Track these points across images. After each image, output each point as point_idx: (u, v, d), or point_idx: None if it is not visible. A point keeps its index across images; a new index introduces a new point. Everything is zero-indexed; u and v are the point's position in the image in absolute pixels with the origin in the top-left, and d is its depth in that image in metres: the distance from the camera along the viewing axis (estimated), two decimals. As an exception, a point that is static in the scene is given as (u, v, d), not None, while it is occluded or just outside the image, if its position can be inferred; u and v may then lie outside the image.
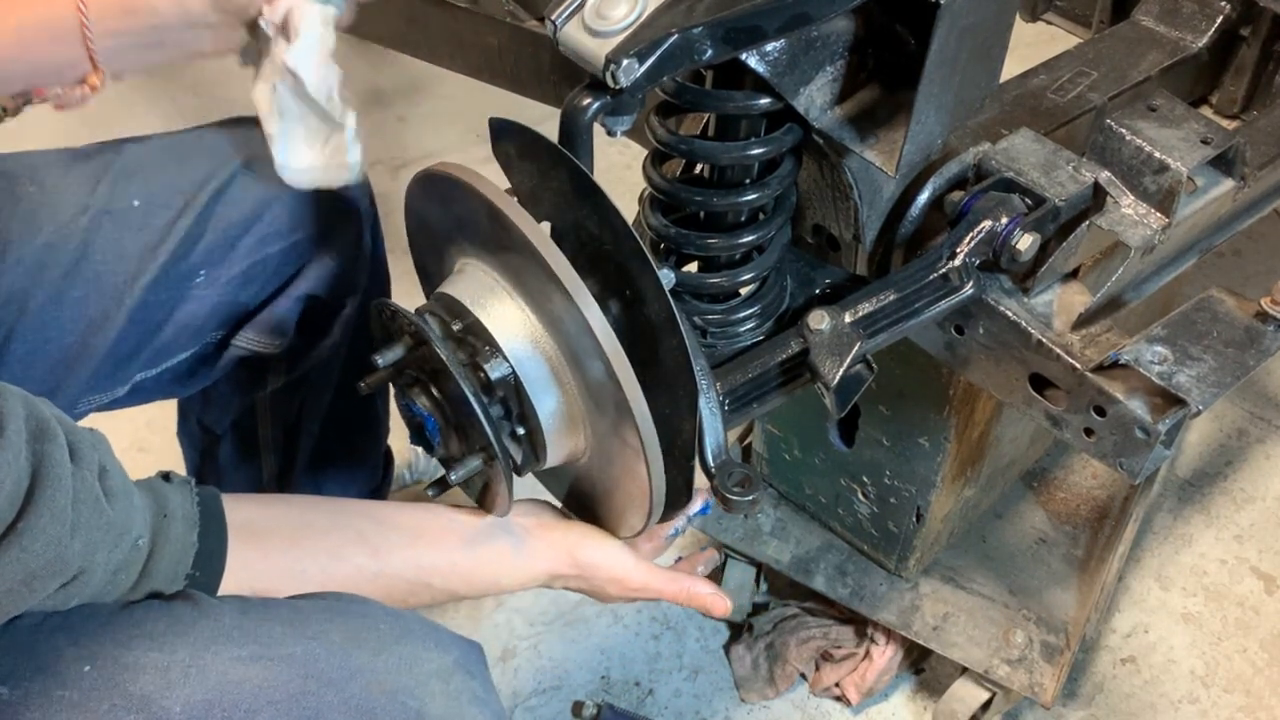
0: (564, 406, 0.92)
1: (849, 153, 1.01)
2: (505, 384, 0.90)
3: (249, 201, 1.21)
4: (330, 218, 1.26)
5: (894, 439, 1.43)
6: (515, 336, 0.90)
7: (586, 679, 1.73)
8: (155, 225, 1.18)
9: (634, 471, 0.92)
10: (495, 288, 0.92)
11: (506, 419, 0.93)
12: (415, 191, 0.99)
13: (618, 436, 0.90)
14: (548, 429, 0.93)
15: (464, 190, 0.89)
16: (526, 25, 1.46)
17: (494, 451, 0.91)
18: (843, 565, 1.63)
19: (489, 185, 0.88)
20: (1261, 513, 1.98)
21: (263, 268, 1.23)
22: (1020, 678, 1.51)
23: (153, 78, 2.96)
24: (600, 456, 0.95)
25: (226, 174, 1.21)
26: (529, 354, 0.90)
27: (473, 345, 0.91)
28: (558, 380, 0.91)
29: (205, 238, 1.19)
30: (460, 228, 0.94)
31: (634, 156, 2.63)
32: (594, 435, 0.93)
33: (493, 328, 0.90)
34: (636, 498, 0.95)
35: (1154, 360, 0.98)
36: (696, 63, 0.85)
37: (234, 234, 1.20)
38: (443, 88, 2.91)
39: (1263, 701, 1.73)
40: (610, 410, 0.89)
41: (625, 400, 0.86)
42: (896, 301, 1.02)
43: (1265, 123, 1.28)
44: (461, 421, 0.93)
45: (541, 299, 0.88)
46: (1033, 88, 1.34)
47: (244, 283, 1.22)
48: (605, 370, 0.86)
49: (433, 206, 0.98)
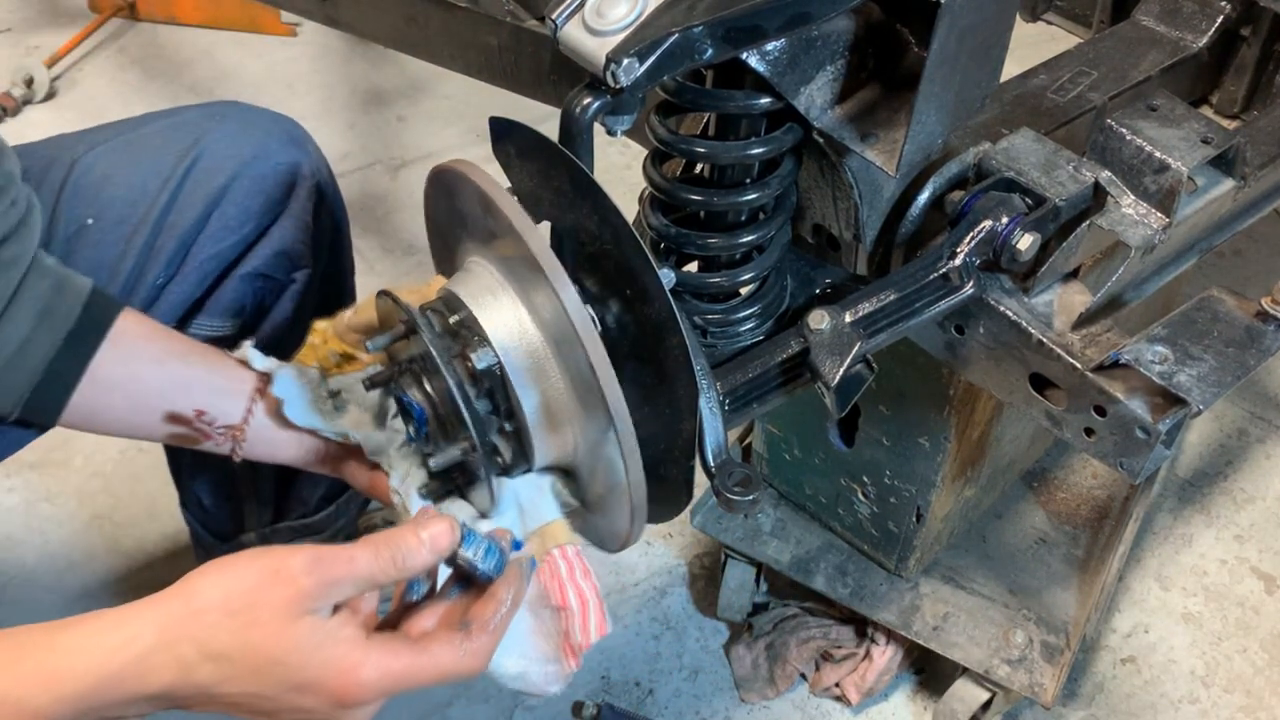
0: (548, 400, 0.91)
1: (849, 152, 1.01)
2: (491, 375, 0.89)
3: (199, 204, 1.25)
4: (279, 202, 1.29)
5: (894, 439, 1.43)
6: (503, 328, 0.90)
7: (586, 679, 1.73)
8: (110, 241, 1.22)
9: (617, 473, 0.89)
10: (492, 283, 0.92)
11: (495, 414, 0.92)
12: (428, 191, 1.00)
13: (600, 433, 0.88)
14: (533, 424, 0.91)
15: (460, 181, 0.90)
16: (526, 25, 1.46)
17: (475, 442, 0.90)
18: (843, 565, 1.63)
19: (481, 174, 0.88)
20: (1261, 513, 1.98)
21: (216, 262, 1.27)
22: (1020, 678, 1.51)
23: (152, 79, 2.96)
24: (589, 457, 0.93)
25: (177, 179, 1.24)
26: (515, 345, 0.89)
27: (464, 337, 0.91)
28: (543, 372, 0.90)
29: (162, 249, 1.24)
30: (462, 222, 0.95)
31: (634, 156, 2.63)
32: (582, 435, 0.92)
33: (483, 320, 0.90)
34: (621, 502, 0.91)
35: (1154, 360, 0.98)
36: (697, 62, 0.85)
37: (188, 239, 1.25)
38: (443, 88, 2.91)
39: (1263, 701, 1.73)
40: (596, 404, 0.87)
41: (599, 385, 0.82)
42: (897, 301, 1.02)
43: (1265, 122, 1.28)
44: (447, 412, 0.92)
45: (530, 288, 0.88)
46: (1033, 88, 1.34)
47: (199, 280, 1.27)
48: (582, 355, 0.83)
49: (441, 204, 0.98)
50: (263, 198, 1.28)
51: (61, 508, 1.97)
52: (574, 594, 0.94)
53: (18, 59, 2.89)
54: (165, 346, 1.10)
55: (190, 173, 1.25)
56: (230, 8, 3.10)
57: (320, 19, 1.77)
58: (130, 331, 1.08)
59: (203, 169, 1.26)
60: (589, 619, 0.93)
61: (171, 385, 1.09)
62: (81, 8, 3.18)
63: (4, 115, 2.79)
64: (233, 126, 1.30)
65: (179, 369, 1.09)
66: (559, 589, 0.94)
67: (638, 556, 1.89)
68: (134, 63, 3.03)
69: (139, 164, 1.25)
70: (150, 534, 1.92)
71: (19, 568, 1.87)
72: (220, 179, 1.26)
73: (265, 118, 1.33)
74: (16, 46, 3.08)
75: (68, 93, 2.90)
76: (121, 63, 3.03)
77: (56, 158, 1.24)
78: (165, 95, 2.90)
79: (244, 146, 1.28)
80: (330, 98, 2.92)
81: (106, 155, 1.25)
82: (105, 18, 3.10)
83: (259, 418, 1.10)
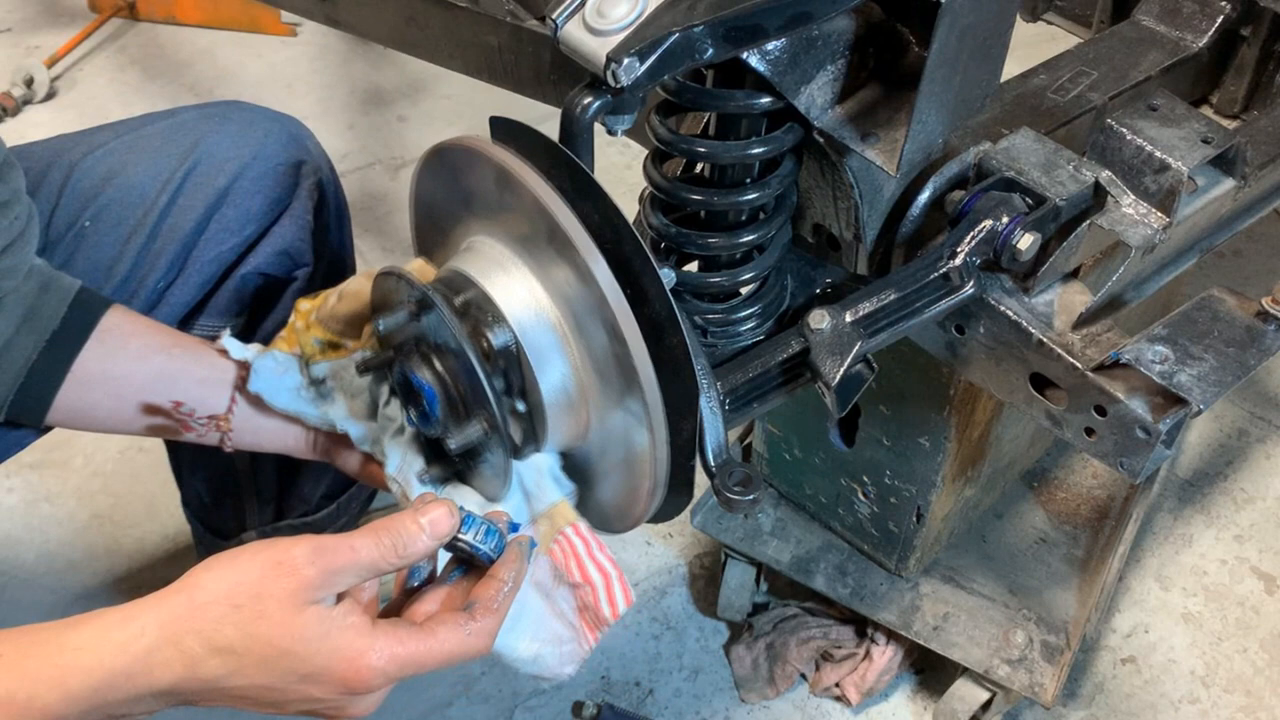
0: (567, 379, 0.90)
1: (850, 152, 1.01)
2: (507, 353, 0.88)
3: (199, 207, 1.25)
4: (280, 201, 1.30)
5: (894, 439, 1.43)
6: (520, 305, 0.89)
7: (586, 679, 1.73)
8: (107, 243, 1.22)
9: (634, 449, 0.89)
10: (502, 260, 0.91)
11: (508, 394, 0.91)
12: (424, 170, 0.98)
13: (621, 409, 0.88)
14: (549, 403, 0.91)
15: (475, 157, 0.89)
16: (527, 25, 1.46)
17: (495, 420, 0.89)
18: (843, 565, 1.63)
19: (497, 149, 0.87)
20: (1261, 513, 1.98)
21: (217, 265, 1.28)
22: (1020, 678, 1.51)
23: (152, 79, 2.96)
24: (602, 435, 0.93)
25: (176, 182, 1.24)
26: (533, 322, 0.89)
27: (476, 316, 0.90)
28: (562, 349, 0.89)
29: (161, 253, 1.24)
30: (468, 200, 0.94)
31: (634, 156, 2.63)
32: (597, 412, 0.91)
33: (497, 297, 0.89)
34: (637, 478, 0.91)
35: (1155, 359, 0.98)
36: (697, 62, 0.85)
37: (189, 242, 1.25)
38: (443, 88, 2.91)
39: (1263, 701, 1.73)
40: (615, 380, 0.86)
41: (631, 362, 0.82)
42: (897, 301, 1.02)
43: (1265, 122, 1.28)
44: (462, 391, 0.91)
45: (548, 265, 0.87)
46: (1033, 88, 1.34)
47: (200, 283, 1.27)
48: (611, 332, 0.83)
49: (442, 183, 0.97)
50: (263, 198, 1.28)
51: (61, 508, 1.97)
52: (595, 569, 0.94)
53: (18, 59, 2.90)
54: (149, 341, 1.10)
55: (190, 175, 1.25)
56: (230, 8, 3.10)
57: (320, 19, 1.77)
58: (116, 328, 1.08)
59: (203, 172, 1.26)
60: (614, 592, 0.94)
61: (155, 379, 1.09)
62: (81, 8, 3.18)
63: (4, 115, 2.79)
64: (233, 127, 1.30)
65: (162, 362, 1.09)
66: (579, 566, 0.94)
67: (638, 556, 1.90)
68: (134, 63, 3.03)
69: (138, 166, 1.25)
70: (150, 534, 1.93)
71: (19, 568, 1.87)
72: (221, 181, 1.26)
73: (266, 117, 1.33)
74: (16, 46, 3.08)
75: (68, 93, 2.90)
76: (121, 63, 3.03)
77: (56, 160, 1.24)
78: (165, 95, 2.90)
79: (244, 148, 1.28)
80: (330, 98, 2.92)
81: (106, 158, 1.25)
82: (105, 18, 3.10)
83: (243, 407, 1.10)
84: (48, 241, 1.19)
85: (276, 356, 1.07)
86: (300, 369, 1.07)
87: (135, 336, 1.10)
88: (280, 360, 1.07)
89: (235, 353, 1.08)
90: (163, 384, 1.09)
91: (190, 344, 1.11)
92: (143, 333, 1.10)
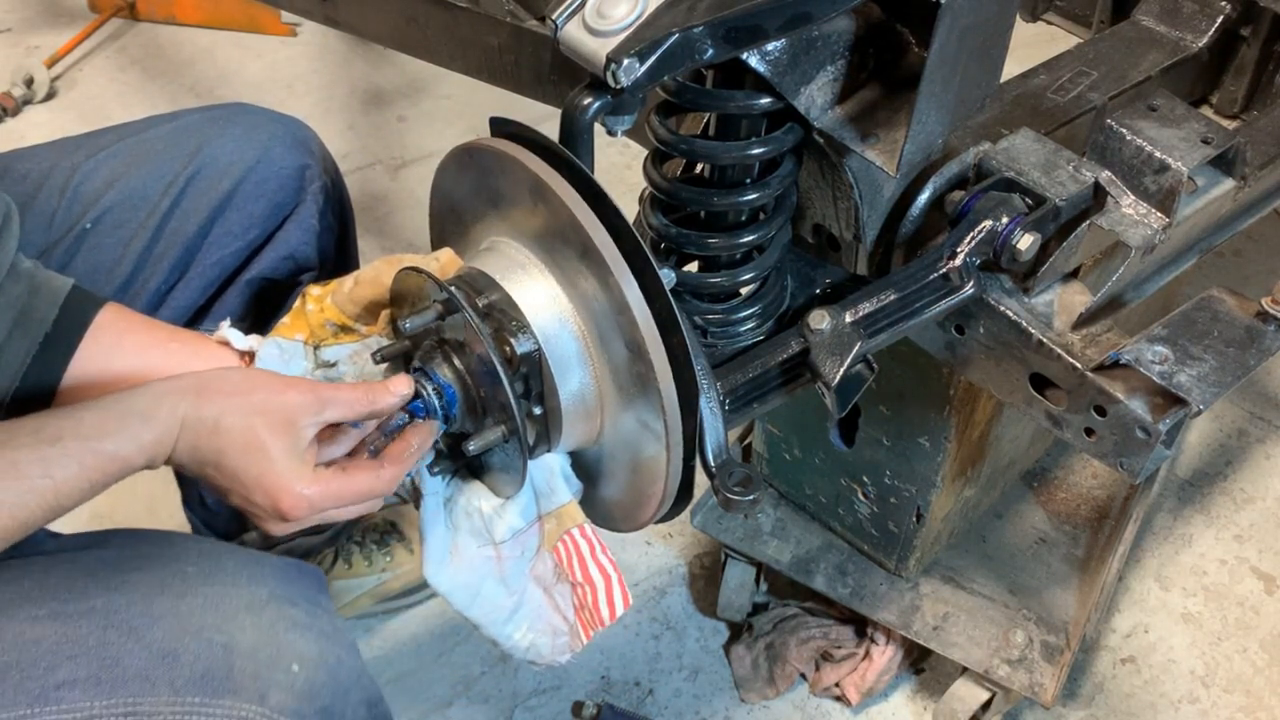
0: (586, 388, 0.92)
1: (850, 152, 1.01)
2: (530, 360, 0.90)
3: (202, 211, 1.25)
4: (284, 206, 1.29)
5: (894, 439, 1.43)
6: (544, 313, 0.90)
7: (586, 679, 1.73)
8: (107, 245, 1.22)
9: (647, 457, 0.91)
10: (527, 264, 0.92)
11: (526, 397, 0.92)
12: (450, 165, 0.99)
13: (636, 419, 0.90)
14: (566, 409, 0.92)
15: (509, 163, 0.89)
16: (527, 25, 1.46)
17: (514, 425, 0.90)
18: (843, 565, 1.63)
19: (533, 159, 0.88)
20: (1261, 513, 1.98)
21: (220, 269, 1.27)
22: (1020, 678, 1.51)
23: (152, 79, 2.96)
24: (613, 442, 0.95)
25: (179, 187, 1.24)
26: (557, 331, 0.90)
27: (498, 320, 0.91)
28: (583, 359, 0.91)
29: (163, 256, 1.24)
30: (495, 202, 0.94)
31: (634, 156, 2.63)
32: (611, 419, 0.93)
33: (522, 303, 0.90)
34: (647, 485, 0.94)
35: (1155, 360, 0.98)
36: (697, 62, 0.85)
37: (192, 246, 1.25)
38: (443, 88, 2.91)
39: (1263, 701, 1.73)
40: (633, 393, 0.88)
41: (655, 384, 0.85)
42: (897, 301, 1.02)
43: (1265, 123, 1.28)
44: (483, 393, 0.93)
45: (575, 276, 0.88)
46: (1033, 88, 1.34)
47: (203, 287, 1.27)
48: (637, 351, 0.85)
49: (468, 180, 0.98)
50: (267, 203, 1.28)
51: (61, 508, 1.96)
52: (597, 571, 0.98)
53: (18, 59, 2.90)
54: (145, 338, 1.10)
55: (194, 180, 1.25)
56: (230, 8, 3.10)
57: (320, 19, 1.76)
58: (111, 326, 1.08)
59: (206, 176, 1.25)
60: (614, 594, 0.98)
61: (153, 375, 1.08)
62: (81, 8, 3.18)
63: (4, 115, 2.79)
64: (237, 131, 1.29)
65: (159, 358, 1.09)
66: (581, 566, 0.98)
67: (638, 556, 1.90)
68: (134, 63, 3.03)
69: (142, 170, 1.24)
70: (150, 534, 1.92)
71: (19, 568, 1.87)
72: (224, 185, 1.25)
73: (271, 120, 1.33)
74: (16, 46, 3.08)
75: (68, 93, 2.90)
76: (121, 63, 3.03)
77: (58, 163, 1.23)
78: (165, 95, 2.90)
79: (248, 152, 1.28)
80: (330, 98, 2.92)
81: (108, 161, 1.25)
82: (105, 18, 3.10)
83: None
84: (48, 243, 1.19)
85: (280, 344, 1.07)
86: (307, 354, 1.07)
87: (131, 334, 1.09)
88: (285, 347, 1.07)
89: (238, 343, 1.07)
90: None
91: (188, 339, 1.11)
92: (138, 329, 1.10)
